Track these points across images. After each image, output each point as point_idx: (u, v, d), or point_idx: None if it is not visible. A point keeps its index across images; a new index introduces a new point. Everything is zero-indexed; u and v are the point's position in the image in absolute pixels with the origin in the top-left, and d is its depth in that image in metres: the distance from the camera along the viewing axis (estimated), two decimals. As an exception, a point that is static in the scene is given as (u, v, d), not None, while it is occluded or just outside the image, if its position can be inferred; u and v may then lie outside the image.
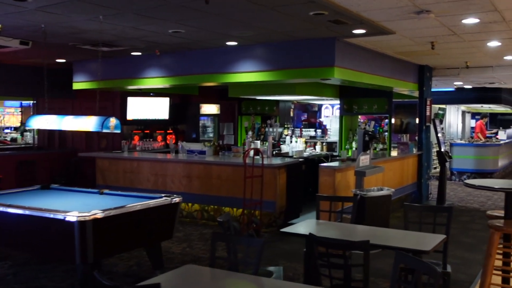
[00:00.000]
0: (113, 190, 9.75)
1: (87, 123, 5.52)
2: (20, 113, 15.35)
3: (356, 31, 6.28)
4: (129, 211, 5.11)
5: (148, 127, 11.79)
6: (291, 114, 14.45)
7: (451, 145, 14.39)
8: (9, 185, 10.25)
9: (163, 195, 5.85)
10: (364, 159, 6.85)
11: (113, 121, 5.38)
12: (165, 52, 8.41)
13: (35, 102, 12.64)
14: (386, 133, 11.00)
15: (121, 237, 5.14)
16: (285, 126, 12.31)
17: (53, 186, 6.97)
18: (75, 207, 5.09)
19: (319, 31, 6.41)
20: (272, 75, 7.52)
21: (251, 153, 7.72)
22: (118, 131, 5.58)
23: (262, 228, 7.82)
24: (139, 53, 8.56)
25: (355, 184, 6.93)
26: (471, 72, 10.27)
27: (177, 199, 5.70)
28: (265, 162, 8.02)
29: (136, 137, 11.82)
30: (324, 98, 11.36)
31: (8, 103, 14.96)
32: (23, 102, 14.89)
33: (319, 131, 11.85)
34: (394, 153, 10.37)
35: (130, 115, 11.06)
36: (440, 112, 16.09)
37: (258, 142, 10.28)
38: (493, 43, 7.29)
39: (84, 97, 11.60)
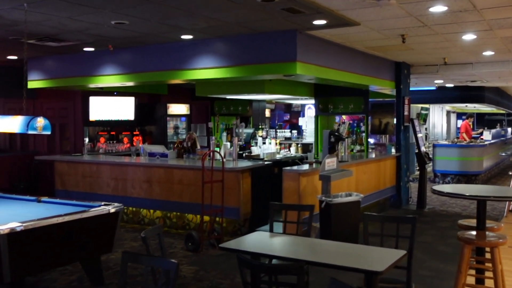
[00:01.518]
0: (72, 196, 9.21)
1: (12, 124, 4.92)
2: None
3: (316, 22, 5.74)
4: (56, 223, 4.52)
5: (114, 128, 11.20)
6: (268, 114, 13.93)
7: (434, 146, 13.90)
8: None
9: (102, 203, 5.29)
10: (330, 162, 6.31)
11: (40, 121, 4.79)
12: (119, 48, 7.83)
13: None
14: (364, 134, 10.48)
15: (48, 252, 4.56)
16: (260, 127, 11.75)
17: (-10, 194, 6.33)
18: (1, 219, 4.51)
19: (277, 23, 5.87)
20: (231, 71, 6.96)
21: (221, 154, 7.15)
22: (48, 133, 4.99)
23: (225, 236, 7.26)
24: (92, 49, 7.97)
25: (321, 189, 6.39)
26: (450, 69, 9.78)
27: (115, 208, 5.12)
28: (229, 165, 7.46)
29: (102, 139, 11.22)
30: (299, 97, 10.83)
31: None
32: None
33: (294, 132, 11.31)
34: (372, 155, 9.86)
35: (93, 116, 10.46)
36: (423, 112, 15.62)
37: (228, 144, 9.72)
38: (468, 36, 6.78)
39: (44, 97, 11.00)
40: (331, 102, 10.68)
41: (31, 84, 9.52)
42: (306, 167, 6.87)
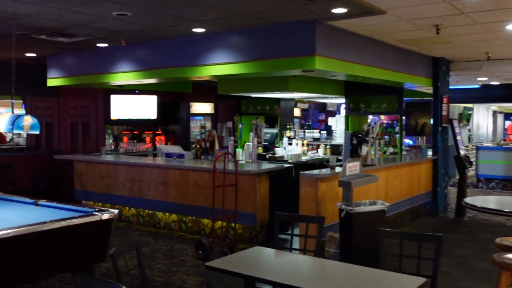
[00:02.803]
0: (90, 196, 8.95)
1: (-3, 123, 4.58)
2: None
3: (336, 11, 5.14)
4: (38, 231, 4.13)
5: (137, 127, 10.90)
6: (299, 113, 13.33)
7: (478, 148, 12.91)
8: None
9: (97, 208, 4.88)
10: (352, 167, 5.69)
11: (27, 119, 4.43)
12: (133, 43, 7.48)
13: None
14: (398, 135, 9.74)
15: (30, 262, 4.18)
16: (288, 126, 11.17)
17: (-4, 195, 6.05)
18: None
19: (293, 12, 5.31)
20: (247, 67, 6.44)
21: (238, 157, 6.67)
22: (36, 132, 4.63)
23: (240, 244, 6.77)
24: (106, 45, 7.64)
25: (342, 196, 5.78)
26: (495, 65, 8.89)
27: (109, 215, 4.70)
28: (246, 168, 6.95)
29: (125, 138, 10.95)
30: (328, 96, 10.18)
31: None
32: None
33: (324, 132, 10.65)
34: (406, 157, 9.10)
35: (114, 115, 10.18)
36: (466, 112, 14.61)
37: (252, 144, 9.21)
38: (514, 26, 6.01)
39: (68, 95, 10.82)
40: (363, 101, 9.98)
41: (51, 82, 9.32)
42: (326, 171, 6.26)
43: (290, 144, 9.73)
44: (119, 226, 8.22)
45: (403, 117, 9.63)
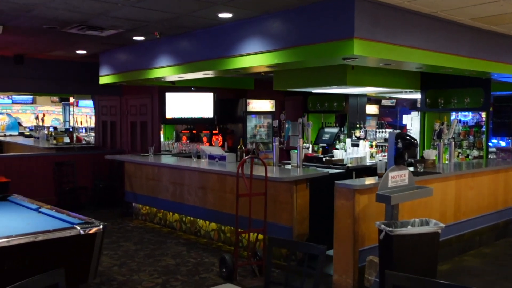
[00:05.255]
0: (138, 199, 8.58)
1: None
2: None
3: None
4: (4, 246, 3.63)
5: (196, 127, 10.40)
6: (376, 111, 12.00)
7: None
8: (46, 188, 9.68)
9: (86, 220, 4.31)
10: (397, 176, 4.54)
11: (3, 118, 3.96)
12: (167, 35, 6.91)
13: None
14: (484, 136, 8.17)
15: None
16: (358, 126, 9.99)
17: (11, 198, 5.79)
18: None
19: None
20: (280, 56, 5.50)
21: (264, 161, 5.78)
22: (14, 133, 4.15)
23: (277, 260, 5.87)
24: (142, 38, 7.15)
25: (385, 213, 4.66)
26: None
27: (93, 229, 4.09)
28: (281, 174, 6.04)
29: (184, 138, 10.52)
30: (402, 90, 8.86)
31: (82, 103, 14.75)
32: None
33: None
34: (490, 163, 7.54)
35: (170, 113, 9.75)
36: None
37: (308, 146, 8.25)
38: None
39: (128, 93, 10.62)
40: (442, 95, 8.54)
41: (102, 80, 9.12)
42: (369, 180, 5.13)
43: (357, 145, 8.59)
44: (163, 232, 7.73)
45: (491, 114, 8.04)
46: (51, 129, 13.47)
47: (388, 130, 9.48)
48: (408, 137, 4.54)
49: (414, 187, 4.72)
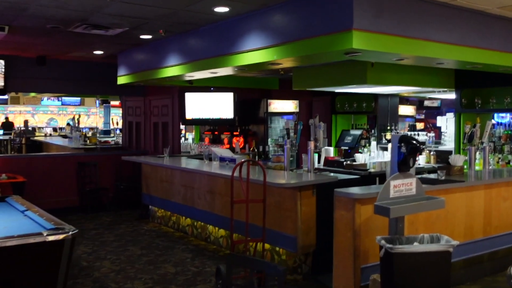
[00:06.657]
0: (154, 201, 8.31)
1: None
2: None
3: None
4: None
5: (218, 128, 10.10)
6: (412, 111, 11.25)
7: None
8: (68, 188, 9.65)
9: (59, 226, 4.03)
10: (402, 185, 3.99)
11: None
12: (172, 33, 6.62)
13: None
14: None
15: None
16: (388, 128, 9.35)
17: (8, 200, 5.64)
18: None
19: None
20: (279, 51, 5.04)
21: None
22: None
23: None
24: (148, 36, 6.90)
25: (389, 227, 4.11)
26: None
27: (61, 235, 3.79)
28: (284, 179, 5.58)
29: (206, 139, 10.25)
30: (430, 89, 8.17)
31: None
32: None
33: (431, 135, 8.58)
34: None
35: (189, 114, 9.48)
36: None
37: (330, 149, 7.72)
38: None
39: (151, 94, 10.46)
40: (479, 95, 7.78)
41: (120, 80, 8.96)
42: (374, 188, 4.57)
43: (386, 149, 7.98)
44: (175, 236, 7.45)
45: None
46: (85, 130, 13.61)
47: (429, 133, 8.74)
48: (413, 141, 3.97)
49: (423, 197, 4.13)
